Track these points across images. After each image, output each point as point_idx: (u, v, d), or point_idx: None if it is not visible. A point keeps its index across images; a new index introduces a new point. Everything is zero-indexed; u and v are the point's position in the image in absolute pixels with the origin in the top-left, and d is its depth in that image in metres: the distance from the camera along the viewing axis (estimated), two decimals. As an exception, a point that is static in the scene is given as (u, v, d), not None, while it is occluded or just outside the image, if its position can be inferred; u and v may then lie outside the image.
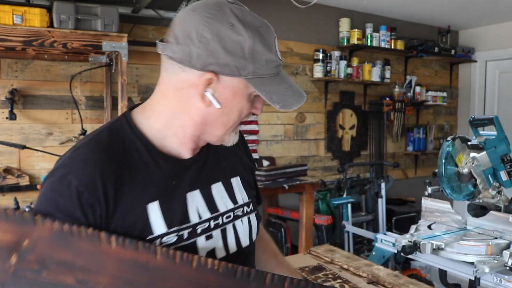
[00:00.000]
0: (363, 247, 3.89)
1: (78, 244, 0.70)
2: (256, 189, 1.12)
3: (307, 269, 1.79)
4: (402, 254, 1.78)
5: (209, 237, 0.89)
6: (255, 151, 3.71)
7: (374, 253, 2.42)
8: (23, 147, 2.60)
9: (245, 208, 0.99)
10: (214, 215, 0.91)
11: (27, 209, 2.45)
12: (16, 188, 2.73)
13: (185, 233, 0.85)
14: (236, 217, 0.96)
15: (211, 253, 0.89)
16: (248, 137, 3.67)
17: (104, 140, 0.84)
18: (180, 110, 0.85)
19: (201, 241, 0.87)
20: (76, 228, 0.70)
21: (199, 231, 0.87)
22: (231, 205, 0.95)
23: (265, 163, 3.71)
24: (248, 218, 0.99)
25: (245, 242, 0.97)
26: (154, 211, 0.82)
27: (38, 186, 2.70)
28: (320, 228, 3.45)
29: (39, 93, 2.86)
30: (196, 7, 0.83)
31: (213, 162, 0.95)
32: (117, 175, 0.80)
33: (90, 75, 3.00)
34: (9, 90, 2.72)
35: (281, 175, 3.37)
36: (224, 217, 0.93)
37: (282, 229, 3.33)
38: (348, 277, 1.69)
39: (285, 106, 0.83)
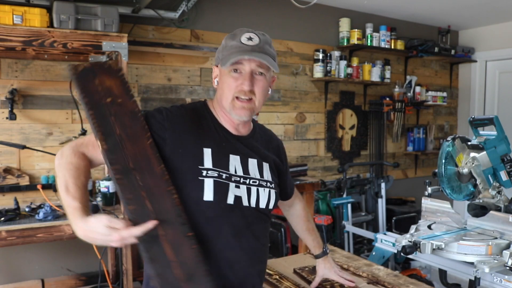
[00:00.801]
0: (363, 247, 3.89)
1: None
2: (283, 181, 1.47)
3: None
4: (402, 254, 1.78)
5: (237, 187, 1.25)
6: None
7: (374, 253, 2.42)
8: (23, 147, 2.60)
9: (268, 183, 1.33)
10: (245, 175, 1.27)
11: (27, 209, 2.45)
12: (16, 188, 2.73)
13: (224, 175, 1.22)
14: (260, 185, 1.30)
15: (238, 199, 1.24)
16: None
17: (187, 105, 1.34)
18: (217, 94, 1.33)
19: (232, 186, 1.23)
20: (114, 62, 0.97)
21: (233, 179, 1.24)
22: (258, 176, 1.31)
23: (265, 163, 3.70)
24: (269, 191, 1.32)
25: (262, 204, 1.30)
26: (207, 153, 1.22)
27: (39, 186, 2.70)
28: (320, 228, 3.45)
29: (39, 93, 2.86)
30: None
31: (254, 147, 1.35)
32: (191, 121, 1.26)
33: (90, 75, 3.00)
34: (9, 90, 2.72)
35: (281, 175, 3.36)
36: (251, 180, 1.28)
37: (282, 229, 3.33)
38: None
39: (225, 62, 1.23)
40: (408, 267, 3.64)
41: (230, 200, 1.22)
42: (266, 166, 1.35)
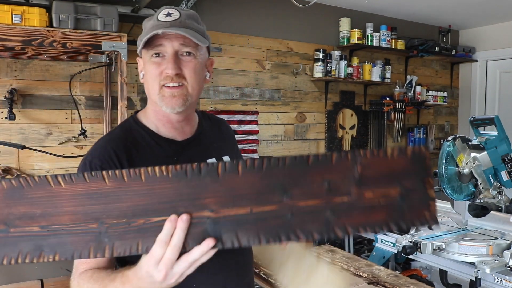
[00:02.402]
0: (363, 247, 3.88)
1: (31, 193, 0.74)
2: None
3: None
4: (402, 254, 1.78)
5: None
6: (255, 151, 3.71)
7: (374, 254, 2.42)
8: (23, 147, 2.60)
9: None
10: None
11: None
12: (15, 188, 2.72)
13: None
14: None
15: None
16: (248, 137, 3.66)
17: (116, 132, 1.10)
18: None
19: None
20: (24, 180, 0.74)
21: None
22: None
23: (265, 163, 3.70)
24: None
25: None
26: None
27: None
28: (320, 228, 3.44)
29: (39, 93, 2.86)
30: None
31: (206, 144, 1.16)
32: (127, 154, 1.03)
33: (90, 75, 3.00)
34: (8, 90, 2.71)
35: (281, 175, 3.36)
36: None
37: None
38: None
39: (138, 46, 1.06)
40: (409, 268, 3.63)
41: None
42: (226, 159, 1.19)
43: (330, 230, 0.76)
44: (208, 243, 0.75)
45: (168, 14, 1.04)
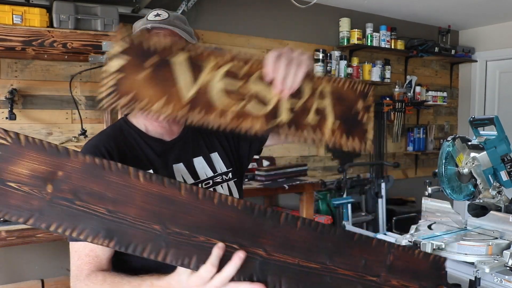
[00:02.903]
0: (363, 247, 3.88)
1: (109, 176, 0.76)
2: (246, 141, 1.29)
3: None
4: (402, 254, 1.78)
5: None
6: (255, 151, 3.70)
7: (374, 253, 2.41)
8: (23, 147, 2.60)
9: (223, 176, 1.20)
10: (196, 181, 1.13)
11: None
12: (16, 188, 2.73)
13: None
14: (216, 183, 1.17)
15: None
16: (248, 137, 3.66)
17: (107, 132, 1.14)
18: None
19: None
20: (107, 162, 0.76)
21: None
22: (210, 174, 1.17)
23: (265, 163, 3.71)
24: (227, 184, 1.19)
25: None
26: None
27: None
28: (320, 228, 3.44)
29: (39, 93, 2.86)
30: None
31: (193, 142, 1.19)
32: (119, 152, 1.06)
33: (90, 75, 3.00)
34: (9, 90, 2.71)
35: (281, 175, 3.36)
36: (204, 183, 1.14)
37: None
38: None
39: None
40: (408, 267, 3.63)
41: None
42: (215, 156, 1.21)
43: None
44: (258, 286, 0.80)
45: (157, 15, 1.09)
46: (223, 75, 0.81)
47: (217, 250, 0.77)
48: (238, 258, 0.78)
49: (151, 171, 1.05)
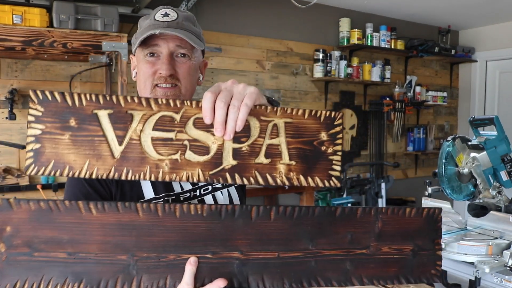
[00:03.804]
0: (363, 247, 3.89)
1: (60, 218, 0.72)
2: None
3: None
4: (402, 254, 1.77)
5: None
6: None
7: (374, 253, 2.41)
8: (23, 147, 2.60)
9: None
10: (194, 187, 1.08)
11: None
12: (16, 188, 2.73)
13: (170, 200, 1.04)
14: (215, 189, 1.11)
15: None
16: (248, 137, 3.66)
17: None
18: None
19: None
20: (53, 203, 0.73)
21: (181, 198, 1.05)
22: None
23: (265, 163, 3.70)
24: (228, 190, 1.14)
25: None
26: (145, 182, 1.01)
27: (38, 186, 2.70)
28: (320, 228, 3.45)
29: (39, 93, 2.86)
30: None
31: None
32: None
33: (90, 75, 3.00)
34: (8, 90, 2.72)
35: (281, 175, 3.36)
36: (202, 189, 1.10)
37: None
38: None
39: (133, 45, 1.07)
40: (408, 267, 3.63)
41: None
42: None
43: (347, 279, 0.82)
44: (219, 283, 0.76)
45: (166, 15, 1.04)
46: (155, 123, 0.74)
47: (190, 267, 0.75)
48: (190, 264, 0.75)
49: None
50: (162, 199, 1.03)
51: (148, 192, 1.02)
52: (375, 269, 0.83)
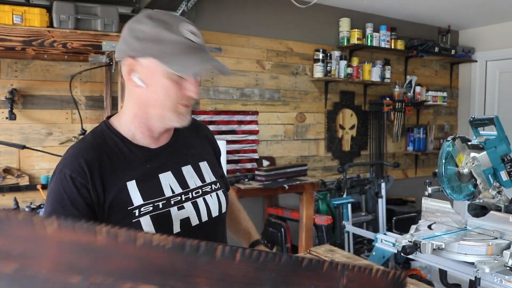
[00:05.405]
0: (363, 247, 3.88)
1: (12, 230, 0.68)
2: (224, 176, 1.31)
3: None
4: (402, 254, 1.78)
5: (181, 208, 1.07)
6: (255, 151, 3.71)
7: (374, 253, 2.42)
8: (23, 147, 2.60)
9: (213, 185, 1.18)
10: (185, 190, 1.10)
11: (26, 209, 2.45)
12: (16, 188, 2.73)
13: (160, 204, 1.04)
14: (205, 193, 1.15)
15: (186, 221, 1.08)
16: (248, 137, 3.67)
17: (88, 139, 1.06)
18: (129, 100, 1.06)
19: (174, 211, 1.06)
20: (7, 214, 0.68)
21: (172, 202, 1.07)
22: (199, 183, 1.15)
23: (265, 163, 3.71)
24: (217, 194, 1.18)
25: (215, 212, 1.15)
26: (132, 188, 1.02)
27: (38, 186, 2.70)
28: (320, 228, 3.45)
29: (39, 93, 2.86)
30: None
31: (182, 149, 1.16)
32: (100, 162, 1.01)
33: (90, 75, 3.00)
34: (8, 90, 2.72)
35: (281, 175, 3.37)
36: (193, 192, 1.12)
37: (282, 229, 3.33)
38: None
39: (183, 72, 0.98)
40: (408, 267, 3.63)
41: (176, 228, 1.05)
42: (203, 165, 1.19)
43: None
44: None
45: (194, 33, 1.00)
46: None
47: None
48: None
49: (134, 181, 1.03)
50: (152, 205, 1.03)
51: (137, 198, 1.02)
52: None
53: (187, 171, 1.14)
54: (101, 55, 2.74)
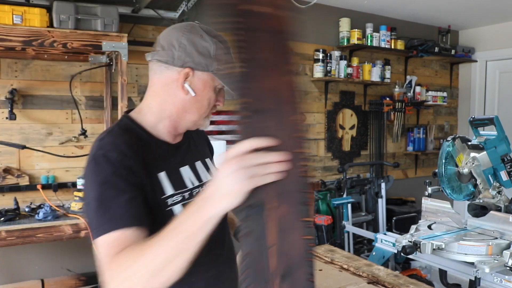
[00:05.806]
0: (363, 247, 3.89)
1: None
2: None
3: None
4: (402, 254, 1.78)
5: None
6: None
7: (374, 253, 2.42)
8: (23, 147, 2.60)
9: None
10: (201, 183, 1.20)
11: (26, 209, 2.45)
12: (16, 188, 2.73)
13: (186, 195, 1.13)
14: None
15: None
16: (248, 137, 3.67)
17: (116, 130, 1.10)
18: (167, 101, 1.12)
19: None
20: None
21: (194, 193, 1.16)
22: (209, 177, 1.23)
23: (265, 163, 3.70)
24: None
25: None
26: (163, 178, 1.09)
27: (38, 186, 2.70)
28: (320, 228, 3.45)
29: (39, 93, 2.86)
30: (176, 26, 1.13)
31: (193, 147, 1.26)
32: (137, 152, 1.04)
33: (90, 75, 3.00)
34: (9, 90, 2.72)
35: (281, 175, 3.36)
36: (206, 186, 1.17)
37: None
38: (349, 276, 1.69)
39: (231, 88, 1.09)
40: (408, 267, 3.63)
41: None
42: (208, 162, 1.30)
43: None
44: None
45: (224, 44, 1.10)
46: None
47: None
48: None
49: (164, 173, 1.08)
50: (181, 196, 1.11)
51: (168, 188, 1.09)
52: None
53: (199, 166, 1.24)
54: (101, 55, 2.74)
